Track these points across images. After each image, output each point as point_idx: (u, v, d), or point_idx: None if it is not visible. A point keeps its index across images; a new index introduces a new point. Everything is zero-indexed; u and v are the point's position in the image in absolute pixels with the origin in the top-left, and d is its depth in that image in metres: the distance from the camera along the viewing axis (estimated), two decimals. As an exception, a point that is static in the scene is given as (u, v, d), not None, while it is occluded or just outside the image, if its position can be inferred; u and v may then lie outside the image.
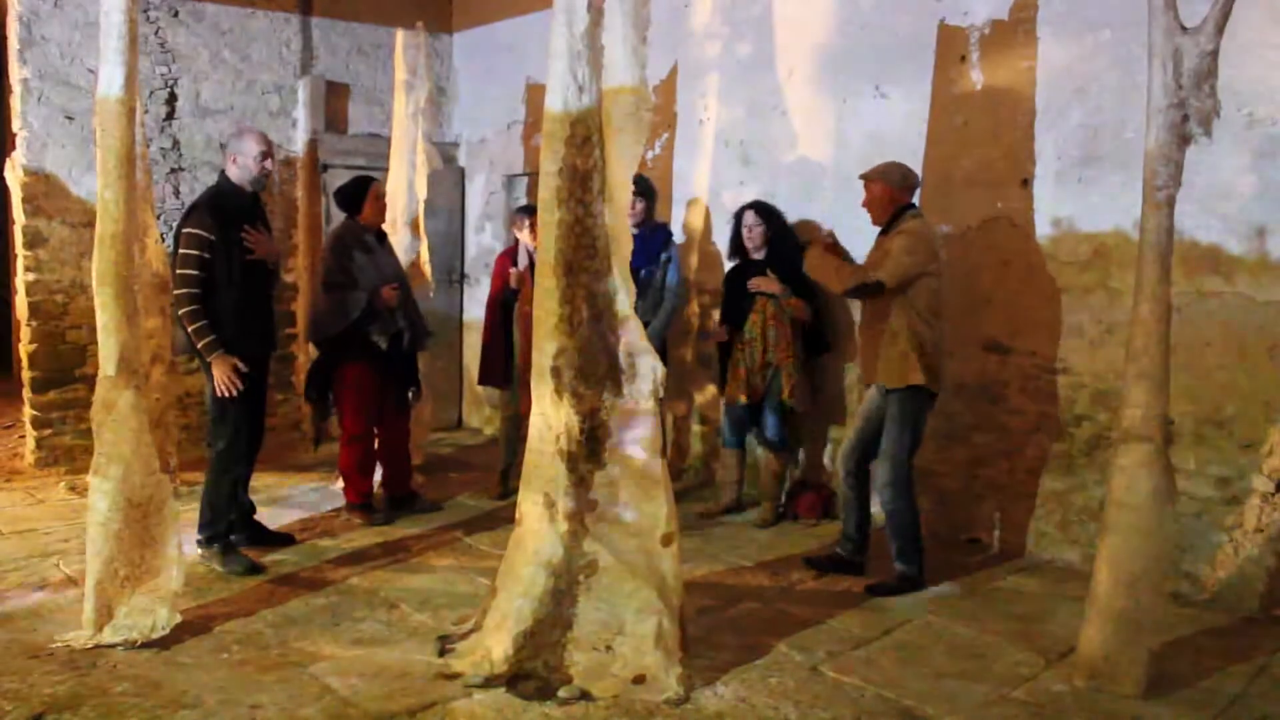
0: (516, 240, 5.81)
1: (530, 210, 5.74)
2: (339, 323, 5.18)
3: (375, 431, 5.48)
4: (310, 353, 5.64)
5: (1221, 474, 4.27)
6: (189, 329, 4.38)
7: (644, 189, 5.50)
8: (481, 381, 6.02)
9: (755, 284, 5.28)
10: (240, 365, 4.43)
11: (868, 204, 4.48)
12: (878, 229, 4.50)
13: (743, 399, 5.40)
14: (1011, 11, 4.80)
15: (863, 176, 4.51)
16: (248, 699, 3.28)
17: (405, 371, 5.52)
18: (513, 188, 7.63)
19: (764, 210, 5.43)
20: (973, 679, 3.55)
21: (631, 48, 3.36)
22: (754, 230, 5.38)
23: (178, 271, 4.35)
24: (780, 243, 5.41)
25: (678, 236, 6.15)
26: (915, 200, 4.53)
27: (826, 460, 5.68)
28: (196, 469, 4.80)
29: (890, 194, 4.40)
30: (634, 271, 5.41)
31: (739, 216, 5.47)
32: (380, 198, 5.42)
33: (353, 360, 5.27)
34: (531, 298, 5.45)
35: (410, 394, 5.60)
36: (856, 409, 4.79)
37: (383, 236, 5.54)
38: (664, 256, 5.54)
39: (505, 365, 5.75)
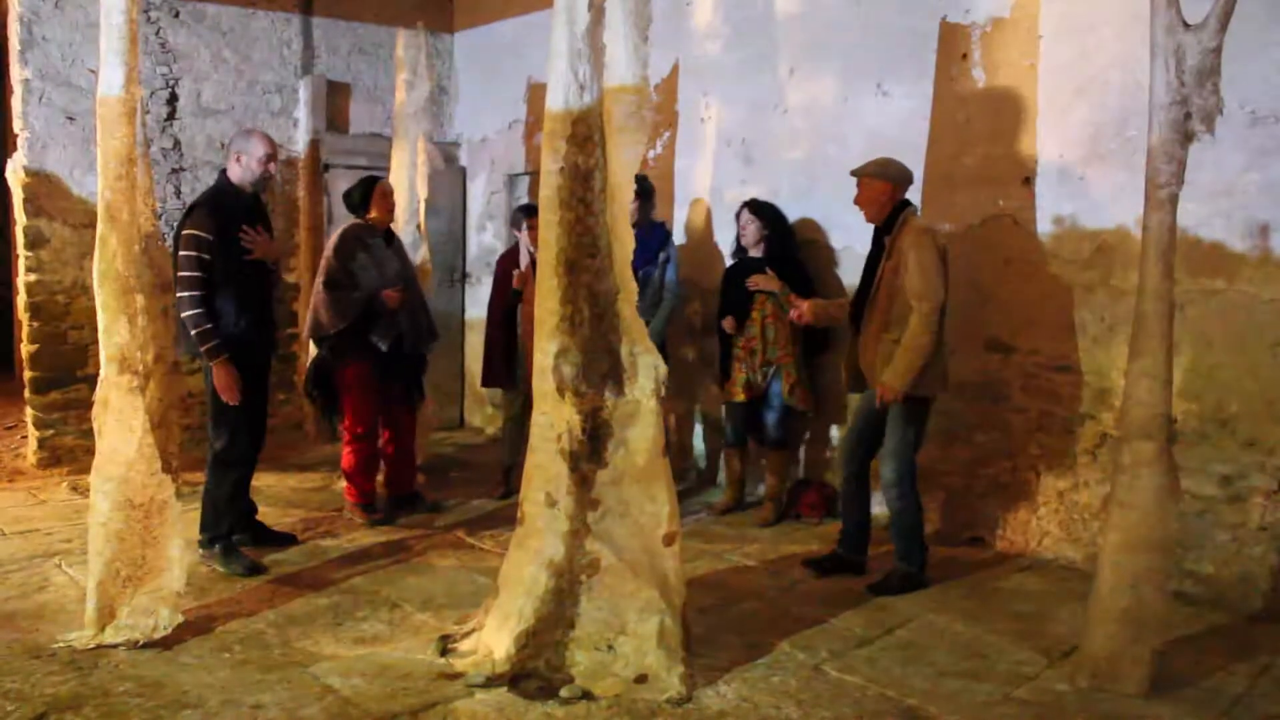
0: (517, 241, 5.81)
1: (530, 210, 5.73)
2: (337, 323, 5.17)
3: (380, 431, 5.49)
4: (312, 352, 5.64)
5: (1224, 472, 4.26)
6: (192, 331, 4.36)
7: (638, 188, 5.50)
8: (485, 383, 6.04)
9: (754, 282, 5.28)
10: (239, 379, 4.43)
11: (864, 201, 4.42)
12: (873, 225, 4.47)
13: (741, 397, 5.41)
14: (1013, 9, 4.80)
15: (857, 173, 4.44)
16: (250, 699, 3.28)
17: (410, 372, 5.53)
18: (514, 187, 7.63)
19: (758, 208, 5.44)
20: (975, 678, 3.54)
21: (633, 46, 3.35)
22: (748, 228, 5.41)
23: (179, 273, 4.33)
24: (779, 241, 5.42)
25: (679, 236, 6.16)
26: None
27: (828, 458, 5.67)
28: (198, 469, 4.80)
29: (891, 191, 4.37)
30: (632, 271, 5.44)
31: (738, 215, 5.50)
32: (387, 196, 5.42)
33: (354, 361, 5.27)
34: (533, 297, 5.47)
35: (414, 398, 5.60)
36: (854, 408, 4.77)
37: (391, 237, 5.53)
38: (662, 255, 5.55)
39: (508, 366, 5.75)
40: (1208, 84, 3.21)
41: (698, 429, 6.33)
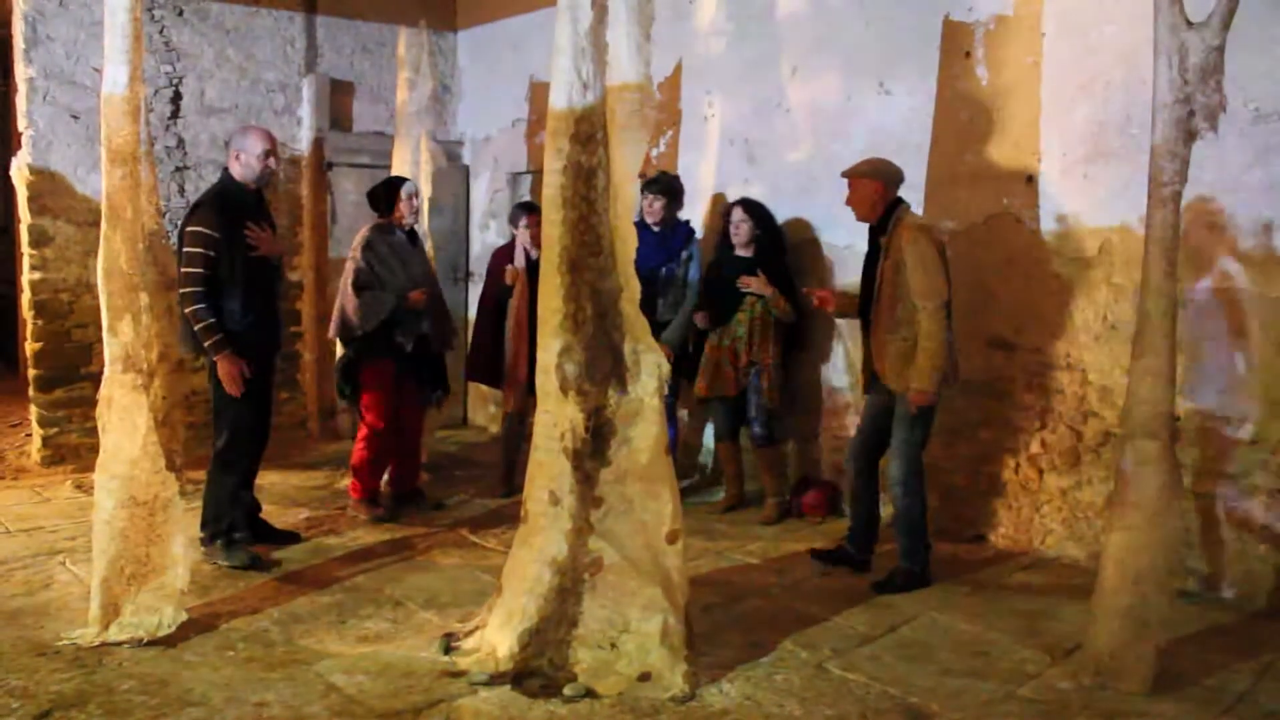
0: (514, 237, 5.81)
1: (528, 207, 5.74)
2: (367, 323, 5.20)
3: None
4: (337, 351, 5.65)
5: (1227, 470, 4.25)
6: (195, 326, 4.37)
7: (665, 187, 5.52)
8: (468, 376, 6.05)
9: (746, 283, 5.29)
10: (246, 370, 4.43)
11: (855, 201, 4.42)
12: (865, 224, 4.47)
13: (706, 393, 5.45)
14: (1016, 7, 4.79)
15: (849, 174, 4.44)
16: (253, 697, 3.29)
17: (432, 372, 5.55)
18: (517, 185, 7.63)
19: (751, 208, 5.44)
20: (978, 676, 3.54)
21: (636, 44, 3.35)
22: (740, 227, 5.40)
23: (183, 270, 4.34)
24: (769, 242, 5.42)
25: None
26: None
27: (829, 457, 5.67)
28: (202, 467, 4.80)
29: (883, 191, 4.37)
30: (655, 269, 5.46)
31: (727, 213, 5.50)
32: (412, 198, 5.43)
33: (376, 359, 5.30)
34: (524, 295, 5.48)
35: (436, 395, 5.62)
36: (860, 407, 4.77)
37: (414, 237, 5.56)
38: (685, 254, 5.56)
39: (496, 362, 5.77)
40: (1211, 81, 3.21)
41: (703, 427, 6.32)
